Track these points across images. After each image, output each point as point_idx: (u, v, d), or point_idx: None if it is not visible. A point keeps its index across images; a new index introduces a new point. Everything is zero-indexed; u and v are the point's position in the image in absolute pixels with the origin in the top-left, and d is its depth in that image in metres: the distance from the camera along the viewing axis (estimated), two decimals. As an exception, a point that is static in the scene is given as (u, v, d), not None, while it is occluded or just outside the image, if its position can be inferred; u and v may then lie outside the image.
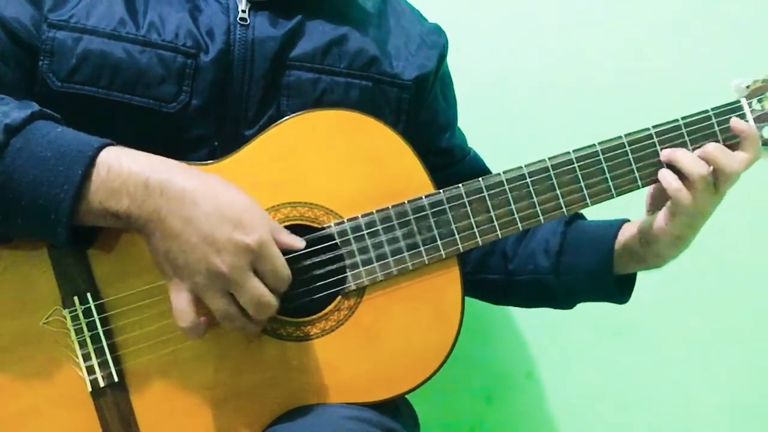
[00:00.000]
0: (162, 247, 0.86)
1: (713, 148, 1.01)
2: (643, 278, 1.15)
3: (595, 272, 1.11)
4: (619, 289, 1.12)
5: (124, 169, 0.86)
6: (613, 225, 1.13)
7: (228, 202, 0.87)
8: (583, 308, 1.20)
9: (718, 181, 1.00)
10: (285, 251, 0.90)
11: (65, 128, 0.89)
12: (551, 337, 1.52)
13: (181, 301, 0.87)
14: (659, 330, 1.53)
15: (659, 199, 1.05)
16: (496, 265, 1.20)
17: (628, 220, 1.13)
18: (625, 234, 1.10)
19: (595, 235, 1.13)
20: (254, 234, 0.86)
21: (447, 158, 1.18)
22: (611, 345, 1.53)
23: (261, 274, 0.88)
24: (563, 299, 1.18)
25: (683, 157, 1.01)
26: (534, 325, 1.52)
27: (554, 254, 1.14)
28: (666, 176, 1.01)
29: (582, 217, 1.19)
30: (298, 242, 0.92)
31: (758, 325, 1.55)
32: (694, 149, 1.02)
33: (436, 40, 1.15)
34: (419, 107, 1.11)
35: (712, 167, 1.00)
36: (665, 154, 1.02)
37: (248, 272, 0.86)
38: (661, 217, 1.04)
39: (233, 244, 0.85)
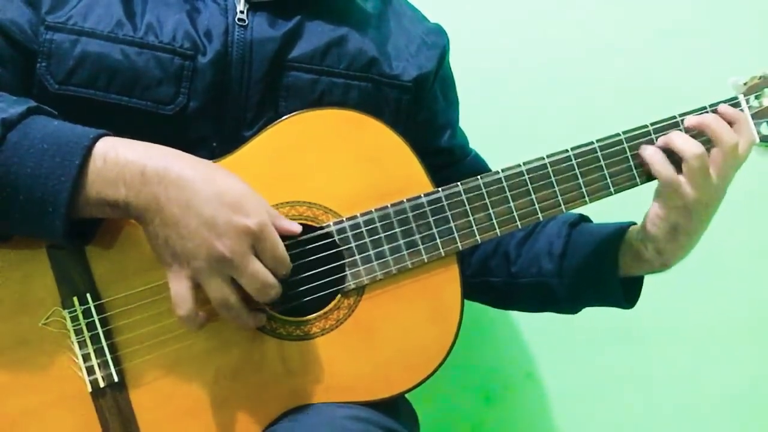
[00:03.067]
0: (161, 234, 0.86)
1: (712, 119, 1.00)
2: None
3: (598, 275, 1.09)
4: (625, 294, 1.09)
5: (120, 158, 0.85)
6: (618, 227, 1.10)
7: (226, 186, 0.87)
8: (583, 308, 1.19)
9: (716, 158, 0.99)
10: (283, 238, 0.89)
11: (62, 122, 0.88)
12: (551, 337, 1.52)
13: (180, 287, 0.86)
14: (659, 330, 1.53)
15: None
16: (499, 268, 1.19)
17: (635, 223, 1.09)
18: (631, 234, 1.07)
19: (599, 237, 1.10)
20: (255, 217, 0.86)
21: (447, 158, 1.18)
22: (611, 345, 1.53)
23: (261, 258, 0.87)
24: (567, 303, 1.15)
25: (676, 137, 1.00)
26: (534, 325, 1.52)
27: (558, 256, 1.12)
28: (649, 151, 1.00)
29: (588, 219, 1.17)
30: (295, 227, 0.91)
31: (759, 325, 1.55)
32: None
33: (437, 41, 1.15)
34: (419, 108, 1.11)
35: (705, 149, 0.98)
36: (660, 140, 1.02)
37: (250, 255, 0.86)
38: (656, 203, 1.02)
39: (234, 227, 0.85)
